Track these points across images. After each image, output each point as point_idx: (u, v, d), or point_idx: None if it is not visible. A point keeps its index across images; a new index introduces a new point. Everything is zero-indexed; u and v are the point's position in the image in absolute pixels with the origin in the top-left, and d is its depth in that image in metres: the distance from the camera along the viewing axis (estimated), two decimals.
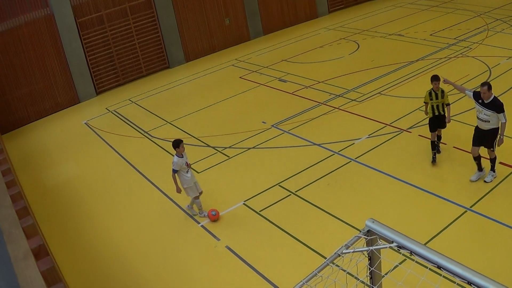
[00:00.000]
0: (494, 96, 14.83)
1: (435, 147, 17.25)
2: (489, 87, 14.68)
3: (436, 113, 16.88)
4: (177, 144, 15.83)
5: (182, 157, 15.84)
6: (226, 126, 22.81)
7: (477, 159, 15.65)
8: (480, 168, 15.79)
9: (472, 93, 15.46)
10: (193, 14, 33.61)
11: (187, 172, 15.86)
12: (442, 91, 16.68)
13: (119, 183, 19.85)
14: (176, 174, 15.82)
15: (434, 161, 17.02)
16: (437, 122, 17.03)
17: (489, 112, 14.81)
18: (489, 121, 14.93)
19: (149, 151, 21.91)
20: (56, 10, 28.41)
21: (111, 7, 30.41)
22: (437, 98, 16.67)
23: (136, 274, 14.37)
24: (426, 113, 17.42)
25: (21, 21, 27.77)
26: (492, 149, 15.31)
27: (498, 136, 15.05)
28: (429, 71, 24.42)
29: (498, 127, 14.95)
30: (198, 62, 33.92)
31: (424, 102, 17.34)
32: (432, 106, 16.85)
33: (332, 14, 40.18)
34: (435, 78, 16.68)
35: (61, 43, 28.96)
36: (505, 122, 14.77)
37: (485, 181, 15.56)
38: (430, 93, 16.81)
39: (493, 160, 15.60)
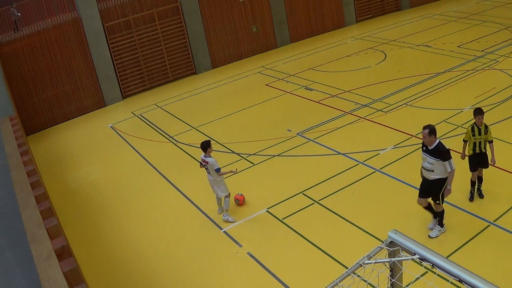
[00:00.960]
0: (439, 142, 13.39)
1: (475, 185, 15.62)
2: (431, 131, 13.32)
3: (478, 151, 15.01)
4: (209, 144, 16.10)
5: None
6: (251, 133, 22.83)
7: (428, 208, 14.32)
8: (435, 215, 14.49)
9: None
10: (221, 21, 33.73)
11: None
12: (486, 126, 14.82)
13: (143, 186, 19.92)
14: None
15: (471, 198, 15.56)
16: (478, 160, 15.22)
17: (432, 160, 13.35)
18: (433, 170, 13.44)
19: (174, 156, 21.96)
20: (83, 14, 28.64)
21: (138, 12, 30.59)
22: (480, 134, 14.80)
23: (156, 277, 14.40)
24: (463, 156, 15.54)
25: (49, 24, 28.05)
26: (438, 201, 13.81)
27: (445, 186, 13.56)
28: (456, 83, 24.32)
29: (444, 177, 13.48)
30: (224, 68, 34.01)
31: (464, 140, 15.38)
32: (474, 143, 14.99)
33: (360, 23, 40.12)
34: (479, 112, 14.70)
35: (88, 46, 29.19)
36: (453, 170, 13.30)
37: (429, 236, 14.18)
38: (472, 129, 14.91)
39: (440, 214, 14.19)
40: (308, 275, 13.48)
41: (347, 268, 6.76)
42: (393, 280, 6.74)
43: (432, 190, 13.74)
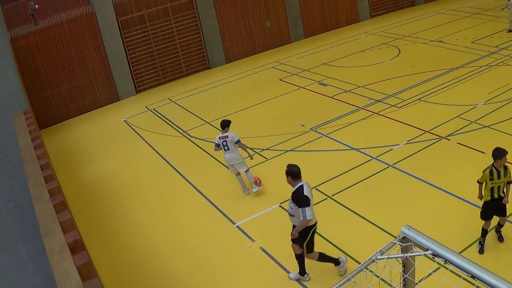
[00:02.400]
0: (302, 185, 12.21)
1: (486, 234, 13.25)
2: (287, 172, 12.34)
3: (496, 196, 12.79)
4: (229, 123, 17.08)
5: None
6: (264, 128, 22.83)
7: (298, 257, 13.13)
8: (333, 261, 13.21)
9: None
10: (235, 15, 33.73)
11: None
12: (506, 168, 12.67)
13: (156, 181, 19.96)
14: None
15: (481, 250, 13.19)
16: (496, 207, 12.98)
17: (292, 204, 12.28)
18: (293, 215, 12.39)
19: (187, 151, 21.99)
20: (97, 8, 28.72)
21: (152, 7, 30.64)
22: (499, 178, 12.59)
23: (168, 271, 14.43)
24: (481, 197, 13.13)
25: (63, 18, 28.15)
26: (303, 251, 12.79)
27: (309, 235, 12.50)
28: (469, 78, 24.23)
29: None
30: (238, 63, 34.03)
31: (479, 182, 13.08)
32: (492, 188, 12.77)
33: (374, 19, 40.02)
34: (502, 153, 12.58)
35: (102, 41, 29.27)
36: (307, 220, 12.01)
37: (289, 277, 13.43)
38: (491, 172, 12.65)
39: (300, 260, 13.14)
40: (320, 270, 13.46)
41: (359, 263, 6.76)
42: (405, 276, 6.73)
43: (296, 238, 12.58)
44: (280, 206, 16.62)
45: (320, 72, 29.27)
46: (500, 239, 13.52)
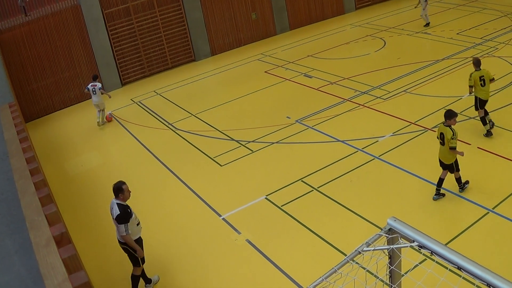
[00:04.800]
0: (119, 202, 12.55)
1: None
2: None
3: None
4: (97, 76, 15.14)
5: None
6: (250, 120, 22.84)
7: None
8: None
9: None
10: (220, 8, 33.67)
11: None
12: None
13: (142, 173, 19.94)
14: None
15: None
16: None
17: (114, 221, 12.46)
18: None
19: (173, 143, 21.97)
20: (83, 1, 28.61)
21: None
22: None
23: (155, 264, 14.43)
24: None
25: (48, 11, 28.00)
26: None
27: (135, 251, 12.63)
28: (455, 70, 24.31)
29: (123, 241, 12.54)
30: (224, 55, 33.99)
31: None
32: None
33: (359, 10, 40.04)
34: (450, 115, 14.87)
35: (88, 33, 29.17)
36: (127, 235, 12.28)
37: None
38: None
39: (132, 279, 13.15)
40: (306, 262, 13.51)
41: (346, 255, 6.77)
42: (391, 267, 6.75)
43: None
44: (266, 198, 16.63)
45: (305, 64, 29.29)
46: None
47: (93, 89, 24.69)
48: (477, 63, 17.79)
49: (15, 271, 7.24)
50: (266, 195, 16.80)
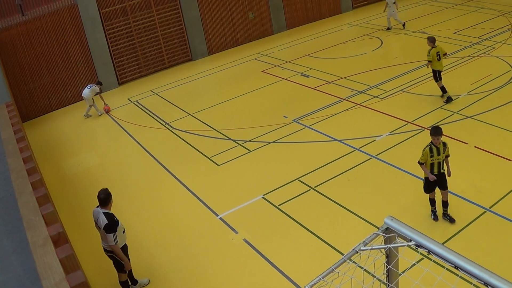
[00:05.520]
0: (105, 211, 12.43)
1: (435, 203, 14.43)
2: (102, 203, 12.42)
3: (436, 172, 13.77)
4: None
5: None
6: (247, 120, 22.83)
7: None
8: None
9: None
10: (217, 7, 33.64)
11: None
12: (444, 144, 13.68)
13: (139, 173, 19.94)
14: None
15: (436, 218, 14.30)
16: (437, 181, 13.88)
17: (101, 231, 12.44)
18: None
19: (170, 142, 21.96)
20: (79, 1, 28.54)
21: None
22: (438, 154, 13.53)
23: (152, 264, 14.43)
24: (432, 177, 13.81)
25: (45, 10, 27.94)
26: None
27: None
28: (452, 69, 24.34)
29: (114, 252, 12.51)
30: (221, 55, 33.96)
31: (420, 163, 13.90)
32: (432, 164, 13.69)
33: (356, 10, 40.02)
34: (436, 132, 13.48)
35: (85, 33, 29.12)
36: (115, 245, 12.29)
37: None
38: (430, 149, 13.55)
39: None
40: (303, 262, 13.51)
41: (343, 254, 6.78)
42: (389, 267, 6.76)
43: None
44: (263, 197, 16.63)
45: (302, 64, 29.29)
46: (452, 220, 14.13)
47: (90, 86, 26.40)
48: (432, 40, 20.84)
49: (12, 271, 7.24)
50: (263, 195, 16.81)
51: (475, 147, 17.57)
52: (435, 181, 13.79)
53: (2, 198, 9.73)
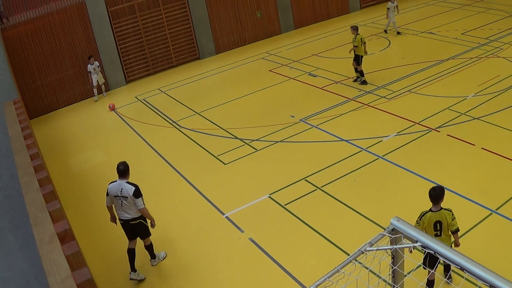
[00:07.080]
0: (127, 181, 13.88)
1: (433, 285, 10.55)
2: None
3: None
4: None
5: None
6: (254, 119, 22.82)
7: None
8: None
9: None
10: (225, 6, 33.65)
11: None
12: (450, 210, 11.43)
13: (145, 171, 19.93)
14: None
15: None
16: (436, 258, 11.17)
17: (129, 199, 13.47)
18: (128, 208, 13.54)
19: (177, 141, 21.98)
20: None
21: None
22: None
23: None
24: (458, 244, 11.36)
25: (53, 8, 27.97)
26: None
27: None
28: (459, 70, 24.29)
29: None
30: (228, 54, 33.96)
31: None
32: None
33: (364, 10, 39.97)
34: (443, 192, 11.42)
35: (92, 31, 29.16)
36: (144, 207, 13.47)
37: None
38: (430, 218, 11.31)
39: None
40: (309, 262, 13.51)
41: (348, 255, 6.77)
42: (394, 268, 6.75)
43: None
44: (269, 197, 16.62)
45: (310, 63, 29.27)
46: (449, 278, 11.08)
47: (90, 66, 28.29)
48: (356, 28, 24.78)
49: (18, 267, 7.26)
50: (270, 194, 16.80)
51: (482, 148, 17.51)
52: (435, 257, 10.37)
53: (9, 195, 9.75)
